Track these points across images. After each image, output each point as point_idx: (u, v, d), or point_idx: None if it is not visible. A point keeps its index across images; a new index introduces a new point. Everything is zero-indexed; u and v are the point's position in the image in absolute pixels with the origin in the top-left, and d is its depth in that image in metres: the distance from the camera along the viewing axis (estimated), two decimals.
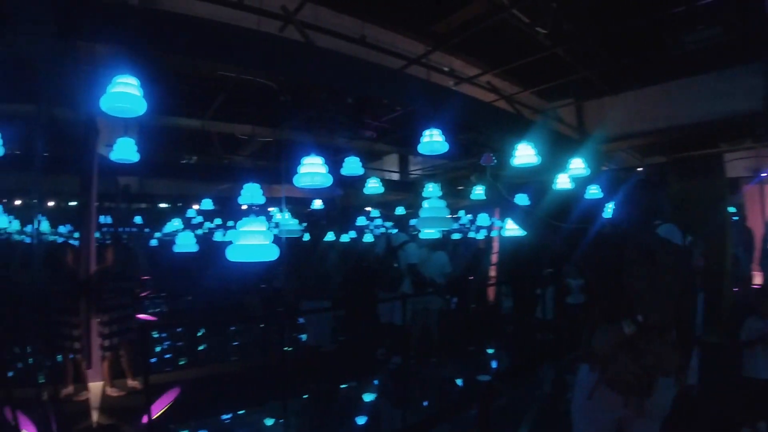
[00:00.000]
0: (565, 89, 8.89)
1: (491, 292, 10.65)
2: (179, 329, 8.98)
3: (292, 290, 7.27)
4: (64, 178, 7.64)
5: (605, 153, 8.98)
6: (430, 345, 7.34)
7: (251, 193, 6.11)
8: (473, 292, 10.27)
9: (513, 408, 5.21)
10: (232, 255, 2.80)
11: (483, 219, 11.75)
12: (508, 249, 10.37)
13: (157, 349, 8.19)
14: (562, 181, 7.21)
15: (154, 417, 4.47)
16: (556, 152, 7.13)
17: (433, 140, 4.76)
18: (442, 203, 3.99)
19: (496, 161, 3.03)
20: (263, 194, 6.57)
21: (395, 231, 7.77)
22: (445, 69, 7.90)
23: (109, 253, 5.71)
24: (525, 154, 5.59)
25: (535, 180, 9.66)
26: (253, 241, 2.78)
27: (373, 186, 7.54)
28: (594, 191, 7.76)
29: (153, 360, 7.47)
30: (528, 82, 9.08)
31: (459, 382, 6.71)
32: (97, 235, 6.15)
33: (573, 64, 7.39)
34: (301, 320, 8.30)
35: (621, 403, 2.22)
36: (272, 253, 2.83)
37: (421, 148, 4.80)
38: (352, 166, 6.39)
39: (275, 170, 10.74)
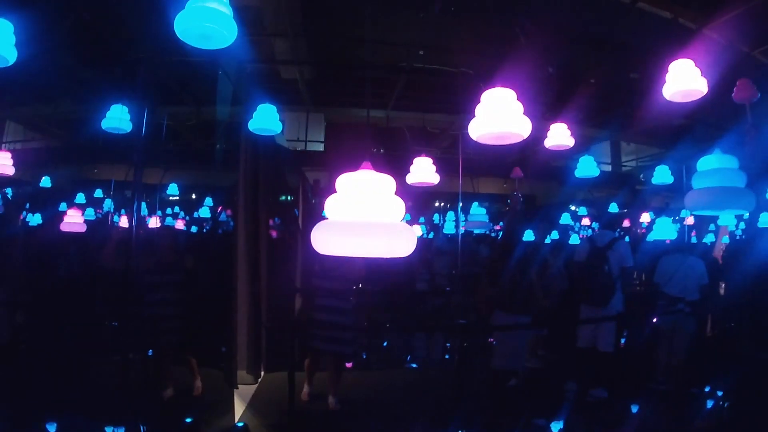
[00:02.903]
0: None
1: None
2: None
3: (485, 299, 5.85)
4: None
5: None
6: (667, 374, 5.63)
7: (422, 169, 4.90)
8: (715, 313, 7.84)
9: None
10: None
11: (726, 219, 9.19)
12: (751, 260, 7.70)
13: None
14: None
15: None
16: None
17: (689, 80, 3.00)
18: (734, 162, 2.27)
19: None
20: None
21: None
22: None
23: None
24: None
25: None
26: None
27: (588, 165, 5.71)
28: None
29: None
30: None
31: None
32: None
33: None
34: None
35: None
36: None
37: (666, 90, 3.05)
38: (587, 167, 4.93)
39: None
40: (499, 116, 2.21)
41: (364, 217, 1.50)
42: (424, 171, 4.90)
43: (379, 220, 1.51)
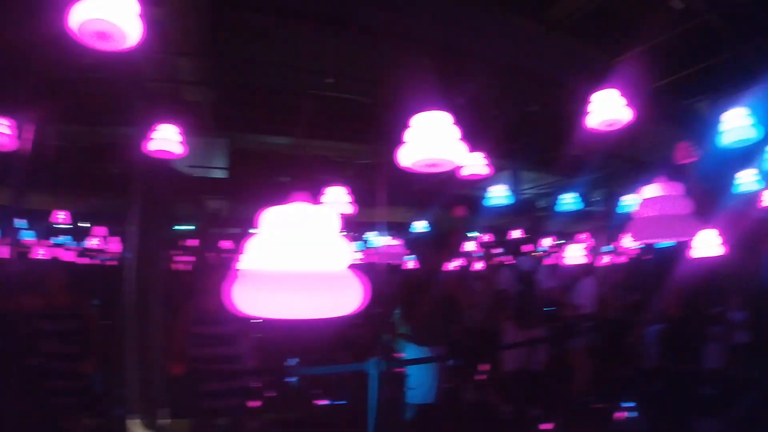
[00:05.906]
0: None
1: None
2: None
3: (393, 333, 5.59)
4: None
5: None
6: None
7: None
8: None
9: None
10: None
11: None
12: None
13: None
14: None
15: None
16: None
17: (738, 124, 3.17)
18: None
19: None
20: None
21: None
22: None
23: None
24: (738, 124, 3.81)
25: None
26: None
27: (499, 194, 5.79)
28: None
29: None
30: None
31: None
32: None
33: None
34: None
35: None
36: None
37: (590, 119, 3.11)
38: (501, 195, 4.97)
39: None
40: (435, 142, 2.02)
41: (307, 266, 1.11)
42: (337, 201, 4.61)
43: (325, 269, 1.14)
